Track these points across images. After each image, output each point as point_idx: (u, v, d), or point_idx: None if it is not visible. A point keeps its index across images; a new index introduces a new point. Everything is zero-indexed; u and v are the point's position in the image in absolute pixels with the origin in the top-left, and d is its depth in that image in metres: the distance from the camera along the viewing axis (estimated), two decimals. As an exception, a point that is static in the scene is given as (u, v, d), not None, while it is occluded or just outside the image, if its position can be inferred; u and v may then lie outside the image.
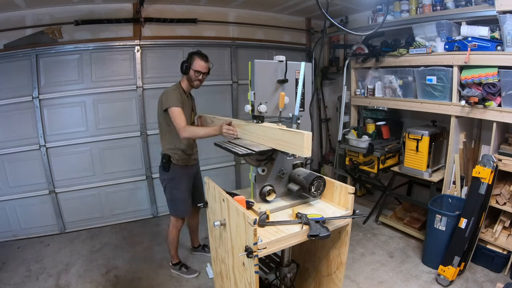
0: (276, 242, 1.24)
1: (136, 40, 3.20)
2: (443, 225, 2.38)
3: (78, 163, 3.21)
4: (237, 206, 1.27)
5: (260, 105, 1.50)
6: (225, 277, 1.60)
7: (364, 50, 3.32)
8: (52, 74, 3.00)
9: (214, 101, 3.69)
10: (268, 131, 1.48)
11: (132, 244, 2.99)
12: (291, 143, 1.31)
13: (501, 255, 2.34)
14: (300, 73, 1.52)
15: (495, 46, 2.29)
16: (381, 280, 2.37)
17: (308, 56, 4.25)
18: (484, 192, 2.20)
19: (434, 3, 2.72)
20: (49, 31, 2.92)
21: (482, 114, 2.41)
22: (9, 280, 2.45)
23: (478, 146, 2.88)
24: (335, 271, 1.59)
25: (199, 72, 2.15)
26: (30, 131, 3.01)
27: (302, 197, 1.58)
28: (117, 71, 3.22)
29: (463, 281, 2.30)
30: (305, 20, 4.22)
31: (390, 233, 3.06)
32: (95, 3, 2.99)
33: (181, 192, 2.28)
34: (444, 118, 2.80)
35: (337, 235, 1.51)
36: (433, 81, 2.70)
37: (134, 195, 3.50)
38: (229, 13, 3.65)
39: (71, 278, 2.46)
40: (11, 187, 3.04)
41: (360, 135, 3.38)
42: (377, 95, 3.31)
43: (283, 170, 1.58)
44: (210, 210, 1.67)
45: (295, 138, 1.28)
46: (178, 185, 2.27)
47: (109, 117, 3.25)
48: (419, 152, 2.79)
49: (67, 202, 3.23)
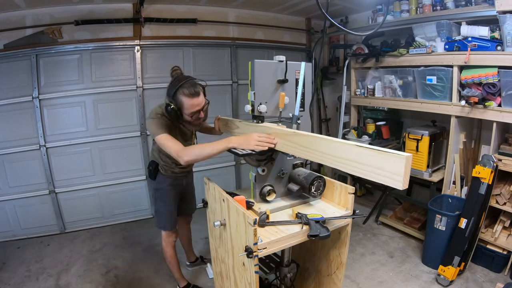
0: (276, 242, 1.24)
1: (136, 40, 3.20)
2: (443, 225, 2.38)
3: (78, 163, 3.21)
4: (237, 206, 1.27)
5: (260, 105, 1.50)
6: (225, 277, 1.60)
7: (364, 50, 3.32)
8: (52, 74, 3.00)
9: (214, 101, 3.64)
10: (334, 147, 1.06)
11: (132, 244, 2.99)
12: (374, 167, 0.92)
13: (501, 255, 2.34)
14: (300, 73, 1.52)
15: (495, 46, 2.29)
16: (381, 280, 2.37)
17: (308, 56, 4.25)
18: (484, 192, 2.20)
19: (434, 3, 2.72)
20: (49, 31, 2.92)
21: (482, 114, 2.41)
22: (9, 280, 2.45)
23: (478, 146, 2.88)
24: (335, 271, 1.59)
25: (197, 111, 1.70)
26: (30, 131, 3.01)
27: (302, 197, 1.58)
28: (117, 71, 3.22)
29: (463, 281, 2.30)
30: (305, 20, 4.22)
31: (390, 233, 3.06)
32: (95, 3, 2.99)
33: (166, 204, 2.04)
34: (444, 118, 2.80)
35: (337, 235, 1.51)
36: (433, 81, 2.70)
37: (134, 195, 3.50)
38: (229, 13, 3.65)
39: (71, 278, 2.46)
40: (11, 187, 3.04)
41: (360, 135, 3.38)
42: (377, 95, 3.31)
43: (283, 170, 1.58)
44: (210, 210, 1.67)
45: (385, 161, 0.89)
46: (164, 196, 2.03)
47: (109, 117, 3.25)
48: (419, 152, 2.79)
49: (67, 202, 3.23)
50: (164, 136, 1.63)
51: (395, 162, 0.86)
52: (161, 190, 2.02)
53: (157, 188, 2.03)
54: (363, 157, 0.95)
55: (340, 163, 1.04)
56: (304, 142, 1.22)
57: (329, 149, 1.08)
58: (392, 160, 0.87)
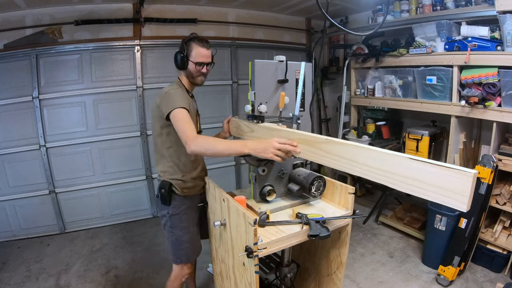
0: (276, 242, 1.24)
1: (136, 40, 3.20)
2: (443, 225, 2.38)
3: (78, 163, 3.21)
4: (237, 206, 1.27)
5: (260, 105, 1.50)
6: (225, 277, 1.60)
7: (364, 50, 3.32)
8: (52, 74, 3.00)
9: (214, 101, 3.69)
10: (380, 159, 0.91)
11: (132, 244, 2.99)
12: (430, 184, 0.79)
13: (501, 255, 2.34)
14: (300, 73, 1.52)
15: (495, 46, 2.29)
16: (381, 280, 2.37)
17: (308, 56, 4.25)
18: (484, 192, 2.20)
19: (434, 3, 2.72)
20: (49, 31, 2.92)
21: (482, 114, 2.41)
22: (9, 280, 2.45)
23: (478, 146, 2.88)
24: (335, 271, 1.59)
25: (202, 63, 1.59)
26: (30, 131, 3.01)
27: (302, 197, 1.58)
28: (117, 71, 3.22)
29: (463, 281, 2.30)
30: (305, 20, 4.22)
31: (390, 233, 3.06)
32: (95, 3, 2.99)
33: (188, 231, 1.67)
34: (444, 118, 2.80)
35: (337, 235, 1.51)
36: (433, 81, 2.70)
37: (134, 195, 3.50)
38: (229, 13, 3.65)
39: (71, 278, 2.46)
40: (11, 187, 3.04)
41: (360, 135, 3.38)
42: (377, 95, 3.31)
43: (283, 170, 1.57)
44: (210, 210, 1.67)
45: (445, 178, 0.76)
46: (183, 221, 1.65)
47: (109, 117, 3.25)
48: (419, 152, 2.79)
49: (67, 202, 3.23)
50: (184, 112, 1.43)
51: (460, 179, 0.73)
52: (178, 215, 1.64)
53: (173, 214, 1.63)
54: (418, 172, 0.82)
55: (389, 178, 0.89)
56: (341, 151, 1.03)
57: (374, 161, 0.92)
58: (455, 177, 0.74)
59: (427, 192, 0.81)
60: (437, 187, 0.78)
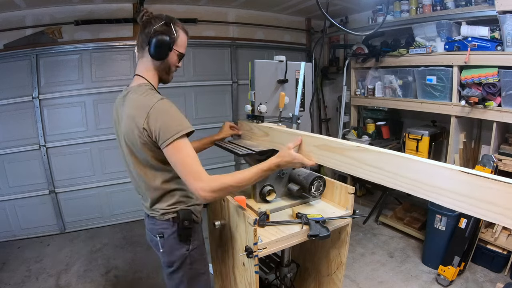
0: (276, 242, 1.24)
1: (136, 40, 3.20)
2: (443, 225, 2.38)
3: (78, 163, 3.21)
4: (237, 206, 1.27)
5: (260, 105, 1.50)
6: (225, 277, 1.60)
7: (364, 50, 3.32)
8: (52, 74, 3.00)
9: (214, 101, 3.68)
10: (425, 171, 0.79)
11: (132, 244, 2.99)
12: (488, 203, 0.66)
13: (501, 255, 2.34)
14: (300, 73, 1.52)
15: (495, 46, 2.29)
16: (381, 280, 2.37)
17: (308, 56, 4.25)
18: (484, 192, 2.20)
19: (434, 3, 2.72)
20: (49, 31, 2.92)
21: (482, 114, 2.41)
22: (9, 280, 2.45)
23: (478, 146, 2.88)
24: (335, 271, 1.59)
25: (183, 56, 1.27)
26: (30, 131, 3.00)
27: (302, 197, 1.58)
28: (117, 71, 3.22)
29: (463, 281, 2.30)
30: (305, 20, 4.22)
31: (390, 233, 3.06)
32: (95, 3, 2.99)
33: (206, 261, 1.36)
34: (444, 118, 2.80)
35: (337, 235, 1.51)
36: (433, 81, 2.70)
37: (134, 195, 3.45)
38: (229, 13, 3.65)
39: (71, 278, 2.46)
40: (11, 187, 3.04)
41: (360, 135, 3.38)
42: (377, 95, 3.31)
43: (283, 170, 1.57)
44: (210, 210, 1.67)
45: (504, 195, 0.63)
46: (203, 253, 1.32)
47: (109, 117, 3.22)
48: (419, 152, 2.79)
49: (67, 202, 3.23)
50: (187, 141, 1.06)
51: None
52: (199, 247, 1.29)
53: (193, 248, 1.25)
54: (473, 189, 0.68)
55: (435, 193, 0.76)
56: (376, 162, 0.89)
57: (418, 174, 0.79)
58: None
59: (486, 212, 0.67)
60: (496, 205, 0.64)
